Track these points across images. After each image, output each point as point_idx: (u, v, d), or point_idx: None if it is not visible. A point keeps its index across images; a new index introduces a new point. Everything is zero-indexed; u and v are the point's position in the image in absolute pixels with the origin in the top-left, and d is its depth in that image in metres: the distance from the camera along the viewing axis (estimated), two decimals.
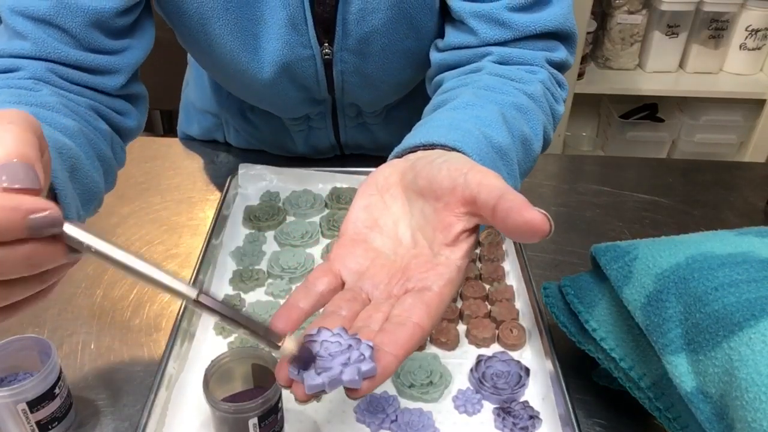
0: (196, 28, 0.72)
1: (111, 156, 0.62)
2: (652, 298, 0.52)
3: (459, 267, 0.43)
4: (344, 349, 0.37)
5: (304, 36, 0.73)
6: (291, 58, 0.74)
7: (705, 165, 1.04)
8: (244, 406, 0.50)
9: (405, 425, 0.57)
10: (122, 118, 0.66)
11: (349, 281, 0.45)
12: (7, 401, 0.52)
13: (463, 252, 0.43)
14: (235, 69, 0.76)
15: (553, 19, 0.66)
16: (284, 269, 0.73)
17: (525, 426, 0.57)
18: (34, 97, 0.55)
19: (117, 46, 0.64)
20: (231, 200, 0.85)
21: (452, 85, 0.65)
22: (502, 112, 0.56)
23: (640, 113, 2.09)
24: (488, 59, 0.67)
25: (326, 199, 0.84)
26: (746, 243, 0.53)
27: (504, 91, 0.61)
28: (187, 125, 1.04)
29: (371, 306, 0.43)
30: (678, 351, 0.49)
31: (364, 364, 0.37)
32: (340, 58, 0.76)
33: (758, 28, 1.89)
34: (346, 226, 0.48)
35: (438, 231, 0.43)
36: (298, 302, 0.43)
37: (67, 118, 0.55)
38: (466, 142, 0.49)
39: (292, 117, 0.88)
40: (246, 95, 0.85)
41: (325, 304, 0.44)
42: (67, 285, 0.74)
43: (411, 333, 0.39)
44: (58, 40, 0.60)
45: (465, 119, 0.53)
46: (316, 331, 0.39)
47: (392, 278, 0.44)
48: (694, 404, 0.48)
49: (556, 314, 0.62)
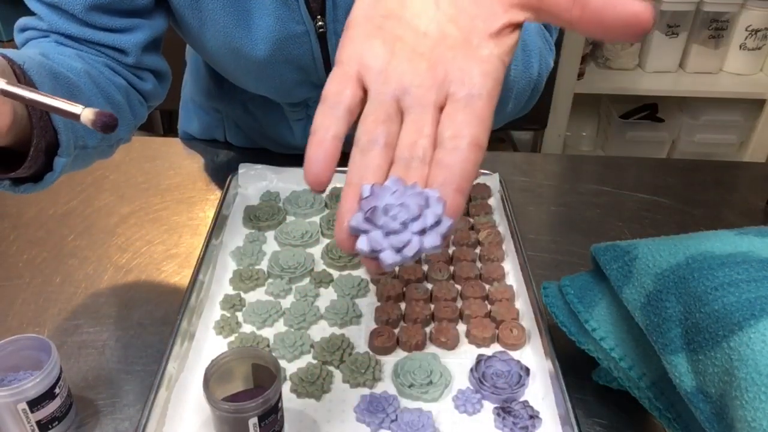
0: (188, 5, 0.73)
1: (125, 104, 0.68)
2: (651, 298, 0.52)
3: (504, 64, 0.36)
4: (414, 215, 0.32)
5: (295, 11, 0.73)
6: (284, 34, 0.75)
7: (705, 165, 1.04)
8: (244, 405, 0.50)
9: (405, 425, 0.57)
10: (140, 81, 0.73)
11: (374, 87, 0.38)
12: (7, 401, 0.52)
13: (507, 47, 0.37)
14: (229, 48, 0.76)
15: None
16: (284, 269, 0.73)
17: (525, 426, 0.57)
18: (52, 47, 0.64)
19: (123, 25, 0.69)
20: (231, 200, 0.85)
21: None
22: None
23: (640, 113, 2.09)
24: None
25: (326, 199, 0.84)
26: (746, 243, 0.53)
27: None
28: (187, 123, 1.04)
29: (410, 124, 0.36)
30: (678, 350, 0.49)
31: (442, 225, 0.32)
32: (334, 31, 0.76)
33: (758, 28, 1.89)
34: (353, 15, 0.40)
35: (479, 19, 0.37)
36: (327, 132, 0.37)
37: (75, 60, 0.63)
38: None
39: (291, 102, 0.88)
40: (244, 80, 0.85)
41: (353, 120, 0.38)
42: (67, 285, 0.74)
43: (472, 158, 0.34)
44: (66, 20, 0.67)
45: None
46: (369, 192, 0.35)
47: (425, 77, 0.37)
48: (694, 404, 0.48)
49: (555, 314, 0.62)
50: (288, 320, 0.67)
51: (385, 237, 0.33)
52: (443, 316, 0.67)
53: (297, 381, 0.61)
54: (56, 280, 0.75)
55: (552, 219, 0.88)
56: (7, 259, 0.79)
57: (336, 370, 0.63)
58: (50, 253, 0.79)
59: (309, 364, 0.63)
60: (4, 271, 0.77)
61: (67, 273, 0.76)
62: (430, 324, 0.68)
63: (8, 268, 0.77)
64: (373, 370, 0.62)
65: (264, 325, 0.67)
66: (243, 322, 0.68)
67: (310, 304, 0.69)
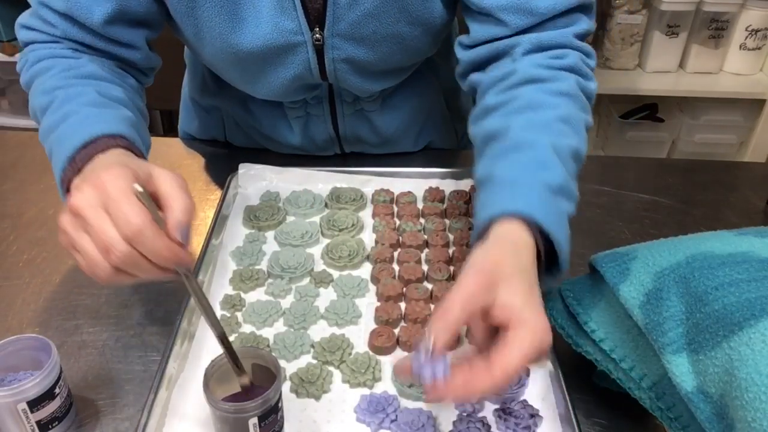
0: (184, 12, 0.73)
1: (145, 108, 0.75)
2: (651, 297, 0.52)
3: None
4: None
5: (294, 21, 0.74)
6: (281, 43, 0.75)
7: (705, 165, 1.04)
8: (244, 405, 0.50)
9: (405, 425, 0.57)
10: (145, 77, 0.80)
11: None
12: (7, 401, 0.52)
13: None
14: (225, 54, 0.77)
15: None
16: (284, 269, 0.73)
17: (527, 425, 0.57)
18: (82, 68, 0.69)
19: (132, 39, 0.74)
20: (231, 200, 0.85)
21: (494, 102, 0.67)
22: (553, 144, 0.60)
23: (640, 113, 2.09)
24: (519, 50, 0.69)
25: (326, 199, 0.84)
26: (746, 243, 0.53)
27: (545, 105, 0.64)
28: (187, 123, 1.04)
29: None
30: (679, 351, 0.49)
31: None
32: (331, 45, 0.76)
33: (758, 28, 1.89)
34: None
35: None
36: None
37: (114, 86, 0.69)
38: (531, 204, 0.55)
39: (289, 100, 0.88)
40: (240, 83, 0.85)
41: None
42: (67, 285, 0.74)
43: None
44: (80, 29, 0.71)
45: (524, 170, 0.59)
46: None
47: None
48: (695, 404, 0.48)
49: (554, 317, 0.62)
50: (288, 320, 0.67)
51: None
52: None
53: (297, 381, 0.61)
54: (56, 280, 0.75)
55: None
56: (7, 259, 0.79)
57: (336, 370, 0.63)
58: (50, 253, 0.79)
59: (309, 364, 0.63)
60: (4, 271, 0.77)
61: (67, 273, 0.76)
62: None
63: (8, 268, 0.77)
64: (373, 370, 0.62)
65: (264, 325, 0.67)
66: (243, 322, 0.68)
67: (310, 304, 0.69)
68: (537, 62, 0.68)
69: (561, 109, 0.65)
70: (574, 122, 0.64)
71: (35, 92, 0.68)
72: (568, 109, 0.65)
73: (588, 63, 0.72)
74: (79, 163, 0.58)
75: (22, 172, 0.95)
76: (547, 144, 0.60)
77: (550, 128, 0.62)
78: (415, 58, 0.83)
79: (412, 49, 0.80)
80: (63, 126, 0.62)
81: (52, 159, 0.62)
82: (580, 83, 0.69)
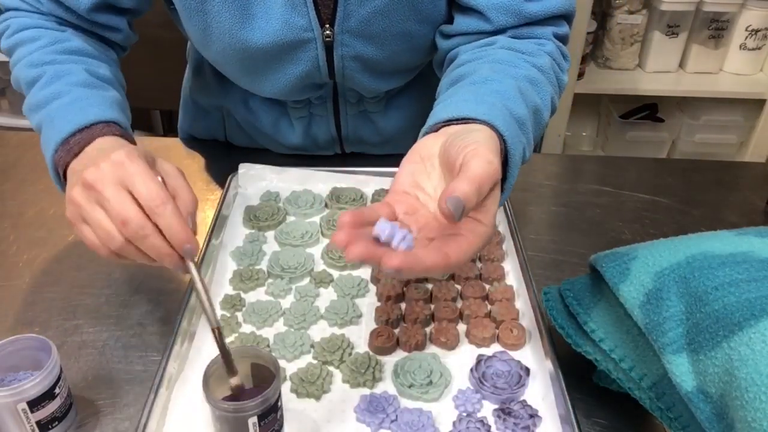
0: (193, 6, 0.74)
1: (123, 79, 0.77)
2: (651, 297, 0.52)
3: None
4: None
5: (304, 18, 0.74)
6: (291, 39, 0.75)
7: (705, 165, 1.04)
8: (243, 405, 0.50)
9: (405, 425, 0.57)
10: (121, 50, 0.82)
11: (401, 218, 0.50)
12: (7, 401, 0.52)
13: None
14: (233, 50, 0.77)
15: (562, 6, 0.72)
16: (284, 269, 0.73)
17: (527, 425, 0.57)
18: (68, 42, 0.71)
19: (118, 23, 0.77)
20: (231, 200, 0.85)
21: (468, 58, 0.69)
22: (518, 86, 0.61)
23: (640, 113, 2.09)
24: (501, 39, 0.71)
25: (326, 199, 0.84)
26: (746, 243, 0.53)
27: (517, 64, 0.66)
28: (187, 123, 1.04)
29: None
30: (679, 351, 0.49)
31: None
32: (341, 41, 0.76)
33: (758, 28, 1.89)
34: (395, 183, 0.52)
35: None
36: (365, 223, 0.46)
37: (101, 63, 0.72)
38: (494, 115, 0.54)
39: (293, 99, 0.88)
40: (246, 81, 0.85)
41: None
42: (68, 285, 0.74)
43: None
44: (65, 11, 0.73)
45: (487, 93, 0.58)
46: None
47: (433, 227, 0.49)
48: (694, 404, 0.48)
49: (554, 317, 0.62)
50: (288, 320, 0.67)
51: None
52: (443, 316, 0.67)
53: (297, 381, 0.61)
54: (56, 280, 0.75)
55: (552, 219, 0.88)
56: (7, 259, 0.79)
57: (336, 370, 0.63)
58: (50, 253, 0.79)
59: (309, 364, 0.63)
60: (4, 271, 0.77)
61: (67, 273, 0.76)
62: (430, 324, 0.68)
63: (8, 268, 0.77)
64: (373, 370, 0.62)
65: (264, 325, 0.67)
66: (243, 322, 0.68)
67: (310, 304, 0.69)
68: (517, 40, 0.71)
69: (532, 72, 0.66)
70: (540, 87, 0.66)
71: (21, 63, 0.70)
72: (538, 76, 0.66)
73: (564, 59, 0.74)
74: (74, 147, 0.60)
75: (22, 172, 0.96)
76: (513, 85, 0.61)
77: (517, 80, 0.63)
78: (423, 57, 0.84)
79: (420, 48, 0.80)
80: (55, 104, 0.64)
81: (42, 135, 0.65)
82: (554, 67, 0.71)
